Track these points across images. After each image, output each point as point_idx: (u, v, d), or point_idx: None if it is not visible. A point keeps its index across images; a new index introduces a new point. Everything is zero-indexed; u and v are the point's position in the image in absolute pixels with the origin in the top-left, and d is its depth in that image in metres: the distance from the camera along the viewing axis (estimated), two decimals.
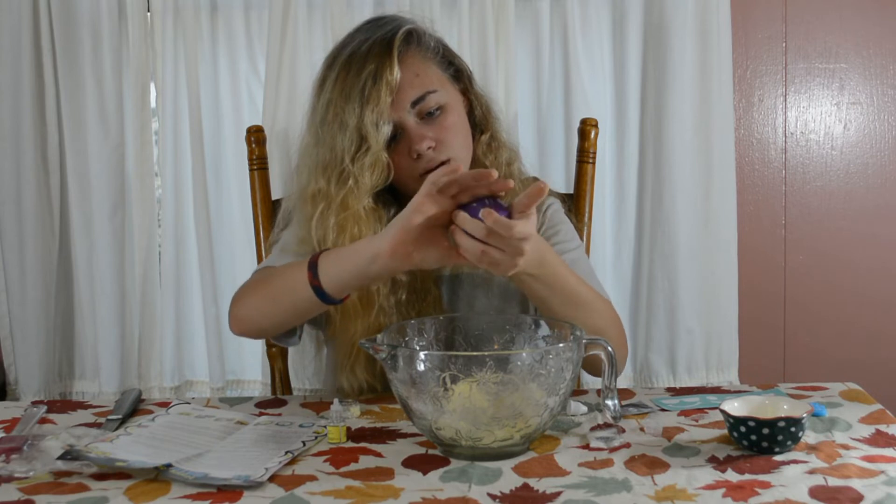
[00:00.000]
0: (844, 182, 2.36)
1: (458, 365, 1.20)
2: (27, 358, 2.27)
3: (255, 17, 2.25)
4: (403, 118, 1.53)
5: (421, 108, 1.53)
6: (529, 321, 1.41)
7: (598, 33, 2.24)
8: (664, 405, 1.45)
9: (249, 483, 1.17)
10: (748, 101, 2.34)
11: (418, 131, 1.53)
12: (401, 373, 1.24)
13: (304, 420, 1.42)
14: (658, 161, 2.22)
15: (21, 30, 2.19)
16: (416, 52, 1.56)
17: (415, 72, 1.54)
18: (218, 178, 2.28)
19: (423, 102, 1.53)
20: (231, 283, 2.29)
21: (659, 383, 2.26)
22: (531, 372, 1.21)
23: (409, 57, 1.54)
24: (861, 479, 1.15)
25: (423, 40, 1.57)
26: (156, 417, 1.43)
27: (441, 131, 1.54)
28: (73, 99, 2.21)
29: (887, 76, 2.33)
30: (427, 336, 1.40)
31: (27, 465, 1.22)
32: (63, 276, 2.29)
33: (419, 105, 1.53)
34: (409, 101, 1.53)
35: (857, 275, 2.38)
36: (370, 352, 1.26)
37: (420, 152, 1.52)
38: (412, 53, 1.55)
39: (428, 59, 1.57)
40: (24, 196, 2.23)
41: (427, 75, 1.55)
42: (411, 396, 1.24)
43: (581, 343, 1.26)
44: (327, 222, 1.51)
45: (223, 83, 2.27)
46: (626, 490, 1.14)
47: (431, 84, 1.55)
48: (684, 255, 2.22)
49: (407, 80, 1.53)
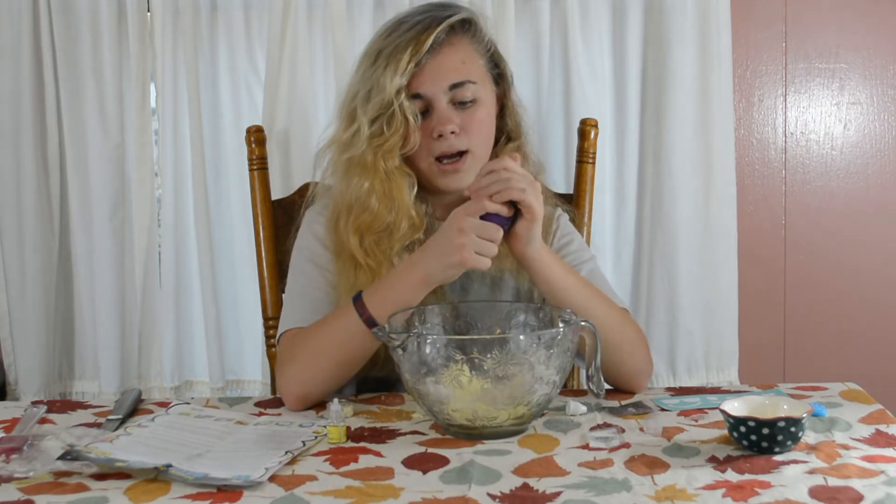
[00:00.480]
0: (844, 182, 2.36)
1: (476, 348, 1.27)
2: (27, 358, 2.27)
3: (255, 17, 2.25)
4: (438, 97, 1.55)
5: (457, 93, 1.56)
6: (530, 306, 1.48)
7: (598, 33, 2.24)
8: (664, 405, 1.45)
9: (249, 483, 1.17)
10: (748, 101, 2.34)
11: (447, 114, 1.56)
12: (415, 359, 1.29)
13: (304, 420, 1.42)
14: (658, 161, 2.21)
15: (21, 30, 2.19)
16: (469, 41, 1.59)
17: (462, 58, 1.57)
18: (218, 178, 2.27)
19: (461, 89, 1.56)
20: (231, 283, 2.29)
21: (659, 383, 2.26)
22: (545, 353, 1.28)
23: (460, 42, 1.58)
24: (861, 479, 1.15)
25: (477, 33, 1.61)
26: (156, 417, 1.42)
27: (469, 121, 1.57)
28: (73, 99, 2.21)
29: (887, 76, 2.33)
30: (430, 323, 1.44)
31: (27, 465, 1.22)
32: (63, 276, 2.29)
33: (456, 90, 1.56)
34: (448, 83, 1.55)
35: (857, 275, 2.37)
36: (384, 340, 1.31)
37: (443, 133, 1.55)
38: (464, 40, 1.58)
39: (477, 52, 1.60)
40: (24, 196, 2.23)
41: (472, 65, 1.58)
42: (426, 382, 1.29)
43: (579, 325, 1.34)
44: (339, 166, 1.58)
45: (223, 83, 2.26)
46: (625, 490, 1.14)
47: (474, 75, 1.58)
48: (684, 255, 2.22)
49: (452, 63, 1.56)
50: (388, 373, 1.56)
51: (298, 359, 1.48)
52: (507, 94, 1.66)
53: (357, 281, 1.54)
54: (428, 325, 1.44)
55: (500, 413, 1.29)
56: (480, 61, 1.60)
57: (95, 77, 2.20)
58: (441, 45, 1.55)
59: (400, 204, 1.55)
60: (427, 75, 1.55)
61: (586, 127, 1.93)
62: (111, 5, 2.19)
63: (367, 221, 1.55)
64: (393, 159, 1.55)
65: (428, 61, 1.54)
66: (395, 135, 1.54)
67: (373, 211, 1.55)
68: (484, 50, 1.61)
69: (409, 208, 1.56)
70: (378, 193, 1.55)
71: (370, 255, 1.55)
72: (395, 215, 1.55)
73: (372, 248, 1.55)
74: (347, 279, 1.55)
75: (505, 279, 1.62)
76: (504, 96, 1.65)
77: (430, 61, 1.54)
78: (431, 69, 1.55)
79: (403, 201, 1.55)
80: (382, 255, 1.55)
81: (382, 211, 1.55)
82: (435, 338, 1.31)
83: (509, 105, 1.66)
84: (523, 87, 2.23)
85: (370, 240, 1.56)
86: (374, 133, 1.54)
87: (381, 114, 1.54)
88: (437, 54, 1.55)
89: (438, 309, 1.46)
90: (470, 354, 1.27)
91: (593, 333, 1.35)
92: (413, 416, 1.43)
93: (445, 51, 1.56)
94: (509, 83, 1.66)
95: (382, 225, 1.55)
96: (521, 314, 1.46)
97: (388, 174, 1.55)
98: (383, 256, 1.55)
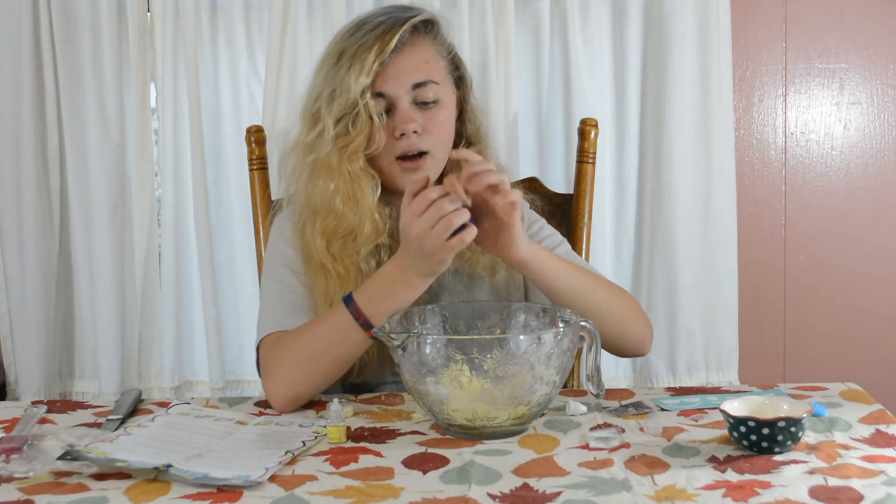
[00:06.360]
0: (844, 182, 2.36)
1: (476, 348, 1.27)
2: (27, 358, 2.27)
3: (255, 17, 2.25)
4: (400, 96, 1.55)
5: (419, 93, 1.56)
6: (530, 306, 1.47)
7: (598, 33, 2.24)
8: (664, 405, 1.45)
9: (249, 483, 1.17)
10: (748, 101, 2.34)
11: (409, 113, 1.55)
12: (415, 359, 1.29)
13: (304, 420, 1.42)
14: (658, 161, 2.21)
15: (21, 30, 2.19)
16: (432, 42, 1.60)
17: (425, 58, 1.57)
18: (218, 178, 2.27)
19: (424, 88, 1.56)
20: (231, 283, 2.29)
21: (659, 383, 2.26)
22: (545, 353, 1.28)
23: (422, 43, 1.58)
24: (861, 479, 1.15)
25: (439, 35, 1.61)
26: (156, 417, 1.42)
27: (430, 122, 1.57)
28: (73, 99, 2.21)
29: (887, 76, 2.33)
30: (430, 323, 1.44)
31: (27, 465, 1.22)
32: (63, 276, 2.29)
33: (419, 90, 1.56)
34: (411, 83, 1.55)
35: (857, 275, 2.37)
36: (383, 340, 1.31)
37: (405, 132, 1.54)
38: (427, 41, 1.59)
39: (439, 53, 1.60)
40: (24, 196, 2.23)
41: (435, 66, 1.59)
42: (426, 382, 1.29)
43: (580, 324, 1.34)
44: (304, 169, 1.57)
45: (223, 83, 2.27)
46: (625, 490, 1.14)
47: (436, 75, 1.58)
48: (684, 255, 2.22)
49: (415, 63, 1.56)
50: (366, 379, 1.57)
51: (287, 361, 1.47)
52: (467, 97, 1.66)
53: (328, 289, 1.54)
54: (428, 325, 1.44)
55: (500, 413, 1.29)
56: (442, 62, 1.60)
57: (95, 77, 2.20)
58: (404, 45, 1.55)
59: (363, 206, 1.54)
60: (390, 74, 1.54)
61: (586, 127, 1.93)
62: (111, 5, 2.19)
63: (332, 225, 1.54)
64: (357, 160, 1.54)
65: (391, 61, 1.54)
66: (360, 135, 1.53)
67: (338, 213, 1.54)
68: (445, 52, 1.62)
69: (372, 211, 1.55)
70: (343, 195, 1.54)
71: (338, 261, 1.55)
72: (359, 218, 1.54)
73: (339, 253, 1.55)
74: (319, 285, 1.55)
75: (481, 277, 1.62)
76: (464, 100, 1.65)
77: (394, 61, 1.54)
78: (395, 68, 1.54)
79: (367, 203, 1.55)
80: (349, 260, 1.55)
81: (347, 213, 1.54)
82: (435, 338, 1.31)
83: (469, 109, 1.66)
84: (523, 87, 2.24)
85: (336, 245, 1.55)
86: (339, 133, 1.54)
87: (346, 113, 1.53)
88: (400, 53, 1.54)
89: (438, 309, 1.46)
90: (470, 354, 1.27)
91: (593, 333, 1.35)
92: (413, 416, 1.43)
93: (408, 50, 1.55)
94: (469, 87, 1.66)
95: (347, 228, 1.55)
96: (521, 314, 1.46)
97: (352, 175, 1.54)
98: (350, 262, 1.55)
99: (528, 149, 2.25)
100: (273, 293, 1.59)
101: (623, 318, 1.55)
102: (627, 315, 1.56)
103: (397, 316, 1.40)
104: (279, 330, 1.52)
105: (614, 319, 1.52)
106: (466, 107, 1.66)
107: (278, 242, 1.63)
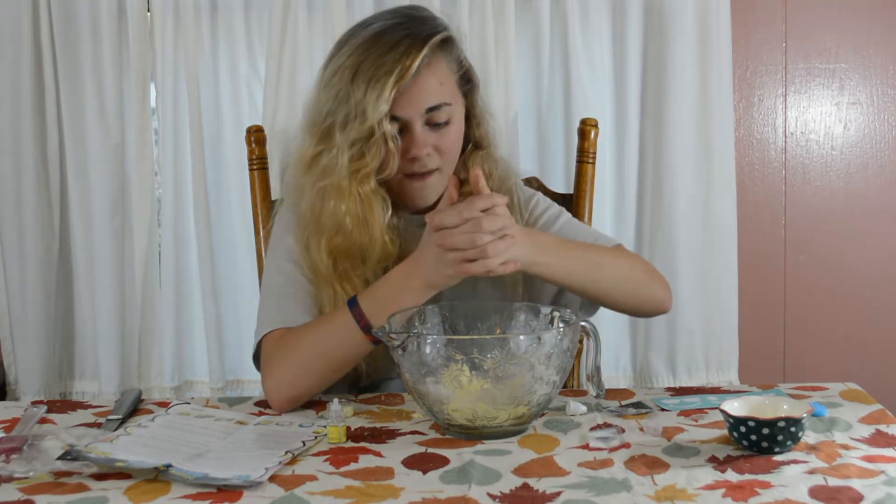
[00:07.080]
0: (844, 182, 2.36)
1: (476, 348, 1.27)
2: (27, 358, 2.27)
3: (255, 17, 2.25)
4: (414, 119, 1.53)
5: (433, 116, 1.54)
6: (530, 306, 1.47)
7: (598, 33, 2.24)
8: (664, 405, 1.45)
9: (249, 483, 1.17)
10: (748, 101, 2.34)
11: (423, 137, 1.54)
12: (415, 359, 1.29)
13: (304, 420, 1.42)
14: (658, 161, 2.22)
15: (21, 30, 2.19)
16: (446, 61, 1.56)
17: (439, 79, 1.55)
18: (218, 178, 2.27)
19: (437, 112, 1.54)
20: (231, 283, 2.29)
21: (659, 383, 2.26)
22: (545, 353, 1.28)
23: (438, 63, 1.54)
24: (861, 479, 1.15)
25: (454, 51, 1.59)
26: (156, 417, 1.42)
27: (442, 142, 1.56)
28: (73, 99, 2.21)
29: (887, 76, 2.33)
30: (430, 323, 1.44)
31: (27, 465, 1.22)
32: (63, 276, 2.29)
33: (432, 113, 1.54)
34: (425, 106, 1.53)
35: (857, 275, 2.38)
36: (383, 339, 1.31)
37: (419, 156, 1.54)
38: (442, 60, 1.55)
39: (452, 70, 1.58)
40: (24, 196, 2.23)
41: (448, 86, 1.56)
42: (426, 382, 1.29)
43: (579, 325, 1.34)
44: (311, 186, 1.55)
45: (223, 83, 2.27)
46: (625, 490, 1.14)
47: (448, 96, 1.56)
48: (684, 255, 2.22)
49: (431, 86, 1.53)
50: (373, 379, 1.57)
51: (290, 361, 1.47)
52: (475, 103, 1.64)
53: (337, 302, 1.53)
54: (428, 325, 1.44)
55: (500, 413, 1.29)
56: (454, 79, 1.58)
57: (95, 77, 2.20)
58: (420, 67, 1.51)
59: (374, 228, 1.53)
60: (406, 99, 1.51)
61: (586, 127, 1.93)
62: (111, 5, 2.19)
63: (340, 243, 1.53)
64: (369, 183, 1.53)
65: (408, 84, 1.51)
66: (375, 160, 1.51)
67: (346, 233, 1.53)
68: (458, 67, 1.59)
69: (383, 233, 1.54)
70: (352, 216, 1.52)
71: (347, 281, 1.54)
72: (369, 239, 1.53)
73: (348, 273, 1.54)
74: (327, 296, 1.54)
75: None
76: (472, 105, 1.64)
77: (410, 84, 1.51)
78: (411, 93, 1.51)
79: (377, 224, 1.54)
80: (358, 280, 1.54)
81: (356, 234, 1.53)
82: (435, 338, 1.31)
83: (476, 114, 1.64)
84: (523, 87, 2.24)
85: (344, 265, 1.54)
86: (353, 157, 1.51)
87: (362, 139, 1.50)
88: (416, 76, 1.51)
89: (438, 309, 1.46)
90: (470, 354, 1.27)
91: (593, 333, 1.35)
92: (413, 416, 1.43)
93: (424, 73, 1.52)
94: (477, 91, 1.64)
95: (356, 249, 1.54)
96: (521, 314, 1.46)
97: (363, 198, 1.52)
98: (359, 281, 1.54)
99: (528, 149, 2.25)
100: (277, 287, 1.58)
101: (637, 287, 1.56)
102: (642, 283, 1.56)
103: (399, 316, 1.40)
104: (283, 327, 1.52)
105: (628, 292, 1.55)
106: (474, 111, 1.64)
107: (284, 236, 1.61)
